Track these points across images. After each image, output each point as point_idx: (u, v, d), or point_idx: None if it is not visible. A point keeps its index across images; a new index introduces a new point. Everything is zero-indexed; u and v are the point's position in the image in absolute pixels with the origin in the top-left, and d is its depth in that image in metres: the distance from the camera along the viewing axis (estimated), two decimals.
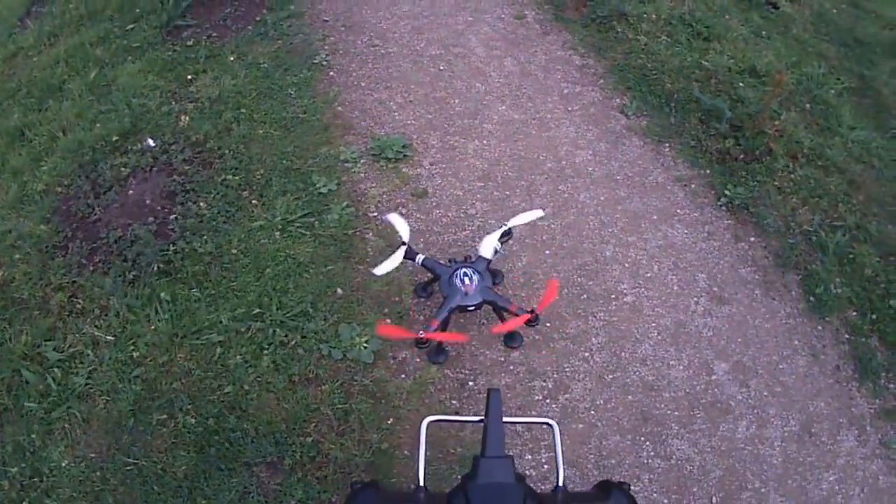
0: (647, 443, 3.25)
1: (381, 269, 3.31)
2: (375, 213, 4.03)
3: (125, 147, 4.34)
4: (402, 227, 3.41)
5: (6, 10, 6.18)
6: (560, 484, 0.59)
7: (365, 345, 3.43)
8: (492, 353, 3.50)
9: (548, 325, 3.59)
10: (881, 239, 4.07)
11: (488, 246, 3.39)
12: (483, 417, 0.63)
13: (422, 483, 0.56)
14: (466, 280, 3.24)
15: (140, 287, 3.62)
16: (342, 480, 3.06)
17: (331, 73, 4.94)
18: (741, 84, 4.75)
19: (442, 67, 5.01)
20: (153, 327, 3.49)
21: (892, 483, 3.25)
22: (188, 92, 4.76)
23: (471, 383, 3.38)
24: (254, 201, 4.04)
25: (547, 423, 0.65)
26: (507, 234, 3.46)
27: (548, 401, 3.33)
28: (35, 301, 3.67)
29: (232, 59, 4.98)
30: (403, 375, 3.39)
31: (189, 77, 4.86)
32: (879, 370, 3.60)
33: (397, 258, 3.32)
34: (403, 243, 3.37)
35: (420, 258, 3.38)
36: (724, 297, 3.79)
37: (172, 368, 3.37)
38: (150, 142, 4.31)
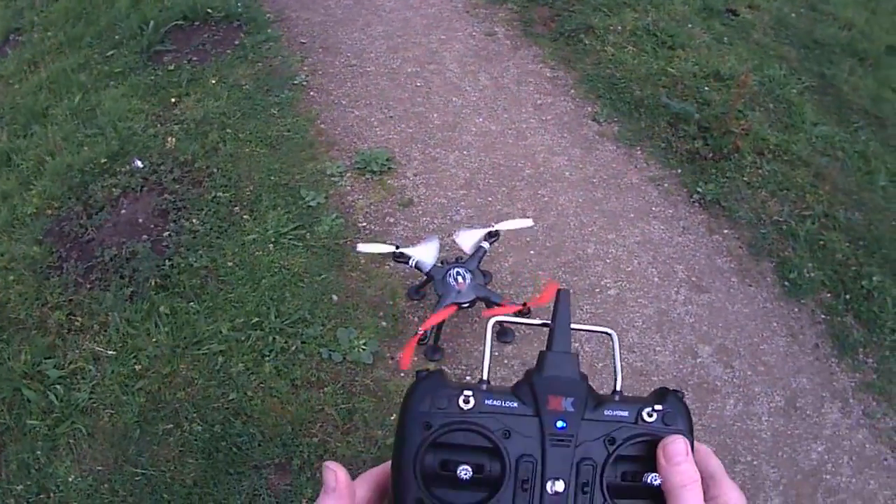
0: None
1: (364, 248, 3.44)
2: (364, 224, 4.15)
3: (114, 169, 4.41)
4: (377, 248, 3.50)
5: None
6: (618, 388, 0.66)
7: (363, 347, 3.53)
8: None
9: (537, 318, 3.72)
10: (849, 225, 4.28)
11: (467, 240, 3.51)
12: (546, 321, 0.69)
13: (485, 377, 0.63)
14: (459, 278, 3.35)
15: (139, 302, 3.69)
16: (351, 476, 3.14)
17: (311, 93, 5.07)
18: (706, 88, 4.98)
19: (419, 84, 5.17)
20: (154, 340, 3.55)
21: (878, 451, 3.41)
22: (173, 114, 4.86)
23: (468, 378, 3.47)
24: (245, 216, 4.14)
25: (607, 333, 0.72)
26: (493, 235, 3.58)
27: None
28: (32, 321, 3.70)
29: (214, 81, 5.10)
30: (402, 374, 3.48)
31: (173, 100, 4.97)
32: (857, 346, 3.78)
33: (383, 248, 3.41)
34: (396, 246, 3.48)
35: (413, 260, 3.49)
36: (703, 286, 3.95)
37: (175, 379, 3.43)
38: (139, 163, 4.39)
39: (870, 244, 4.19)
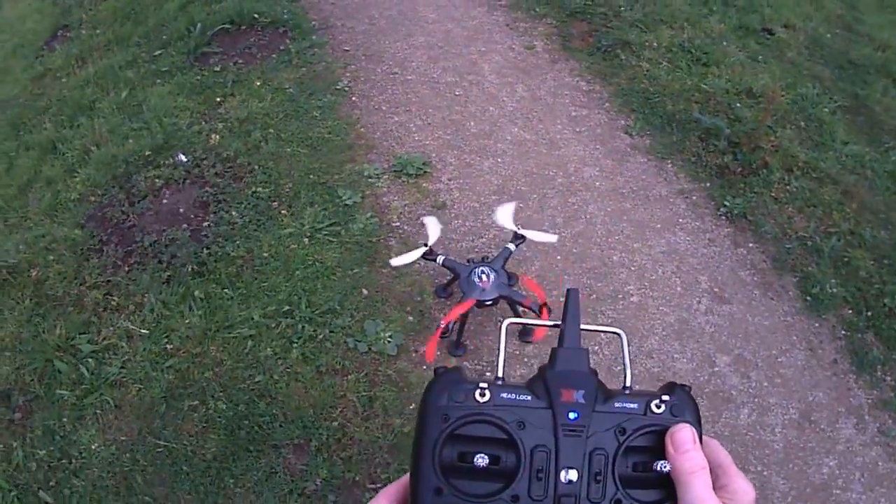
0: None
1: (398, 261, 3.58)
2: (398, 223, 4.28)
3: (158, 161, 4.63)
4: (433, 231, 3.65)
5: (31, 35, 6.61)
6: (628, 384, 0.69)
7: (389, 339, 3.65)
8: (507, 346, 3.71)
9: (549, 320, 3.81)
10: (875, 244, 4.30)
11: (503, 215, 3.68)
12: (557, 322, 0.72)
13: (500, 374, 0.67)
14: (484, 277, 3.46)
15: (175, 286, 3.87)
16: (366, 461, 3.26)
17: (353, 98, 5.26)
18: (738, 104, 5.04)
19: (458, 93, 5.32)
20: (187, 322, 3.72)
21: (891, 469, 3.40)
22: (217, 113, 5.08)
23: (488, 374, 3.58)
24: (283, 211, 4.31)
25: (616, 333, 0.76)
26: (520, 239, 3.70)
27: None
28: (70, 298, 3.90)
29: (258, 83, 5.32)
30: (425, 367, 3.59)
31: (217, 99, 5.19)
32: (876, 363, 3.79)
33: (415, 254, 3.57)
34: (425, 245, 3.62)
35: (441, 258, 3.60)
36: (725, 297, 4.01)
37: (205, 360, 3.60)
38: (182, 157, 4.61)
39: (895, 263, 4.20)
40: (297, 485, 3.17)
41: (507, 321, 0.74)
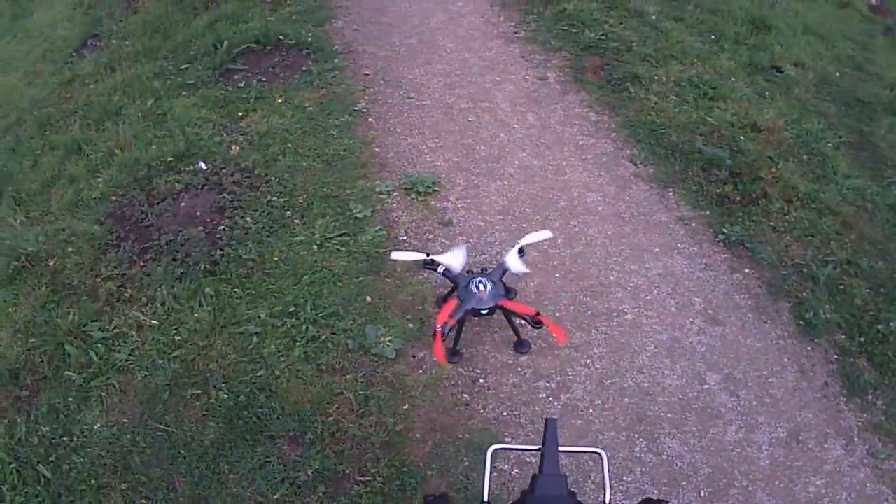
0: (641, 440, 3.50)
1: (398, 255, 3.80)
2: (405, 237, 4.43)
3: (179, 167, 4.86)
4: (453, 258, 3.78)
5: (62, 41, 6.96)
6: (607, 501, 0.74)
7: (388, 343, 3.77)
8: (502, 356, 3.81)
9: (554, 335, 3.91)
10: (872, 273, 4.37)
11: (515, 261, 3.79)
12: (539, 447, 0.78)
13: (486, 499, 0.73)
14: (481, 287, 3.60)
15: (187, 282, 4.03)
16: (357, 455, 3.35)
17: (370, 119, 5.47)
18: (742, 137, 5.18)
19: (470, 119, 5.52)
20: (196, 316, 3.88)
21: (879, 491, 3.44)
22: (239, 126, 5.32)
23: (481, 381, 3.69)
24: (296, 220, 4.48)
25: (597, 453, 0.81)
26: (520, 252, 3.83)
27: (550, 399, 3.63)
28: (85, 288, 4.07)
29: (280, 101, 5.56)
30: (421, 371, 3.71)
31: (240, 114, 5.44)
32: (867, 387, 3.84)
33: (415, 256, 3.79)
34: (427, 254, 3.77)
35: (441, 268, 3.75)
36: (718, 319, 4.09)
37: (211, 352, 3.74)
38: (202, 165, 4.83)
39: (891, 292, 4.27)
40: (290, 474, 3.27)
41: (492, 448, 0.82)
